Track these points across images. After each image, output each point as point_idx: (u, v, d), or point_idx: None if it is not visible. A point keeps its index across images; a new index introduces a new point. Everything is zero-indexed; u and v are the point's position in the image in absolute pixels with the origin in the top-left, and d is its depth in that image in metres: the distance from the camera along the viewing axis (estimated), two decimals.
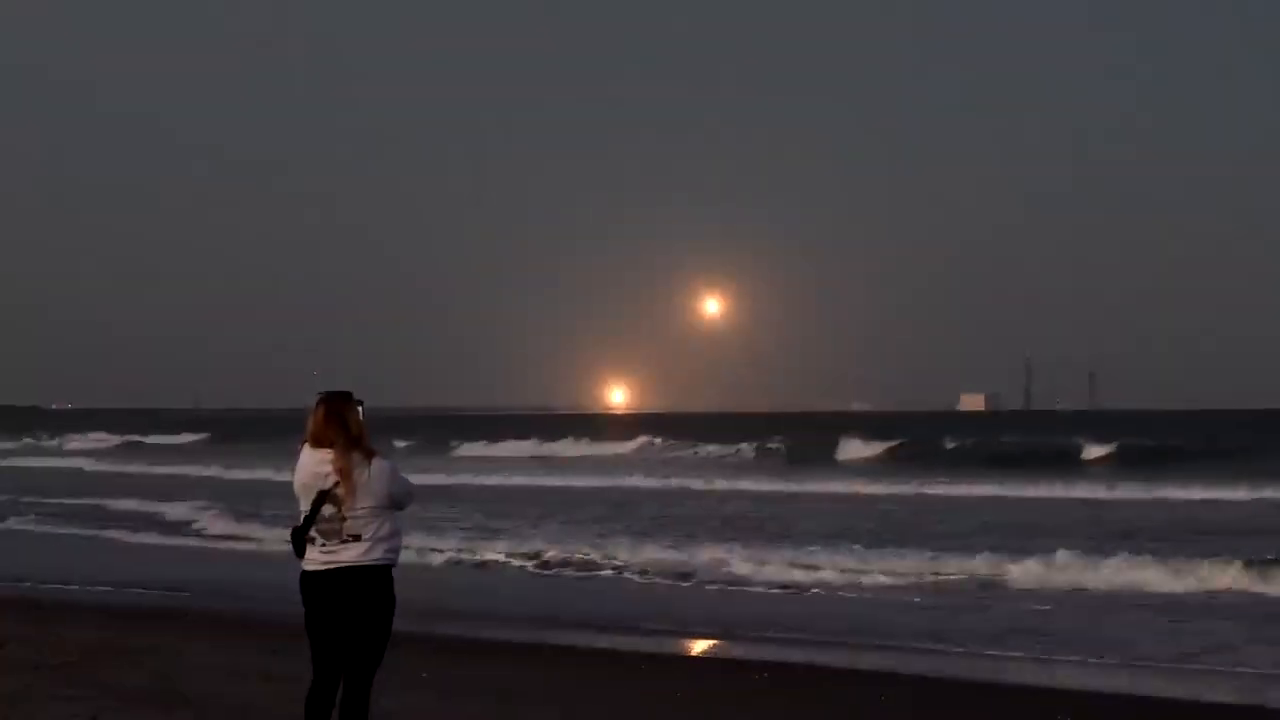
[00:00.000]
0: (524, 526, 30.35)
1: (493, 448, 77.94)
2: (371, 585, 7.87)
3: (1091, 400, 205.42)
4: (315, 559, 7.90)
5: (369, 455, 7.90)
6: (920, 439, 69.62)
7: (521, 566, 23.75)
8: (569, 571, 23.12)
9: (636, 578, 22.13)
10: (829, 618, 17.54)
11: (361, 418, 7.99)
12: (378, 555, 7.89)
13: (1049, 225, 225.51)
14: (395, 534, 8.00)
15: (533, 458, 70.80)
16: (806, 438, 70.62)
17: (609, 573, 22.76)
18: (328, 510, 7.86)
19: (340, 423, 7.91)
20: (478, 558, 24.70)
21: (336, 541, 7.86)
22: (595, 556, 24.15)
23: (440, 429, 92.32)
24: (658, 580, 21.80)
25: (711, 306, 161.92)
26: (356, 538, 7.86)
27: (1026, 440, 67.78)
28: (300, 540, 7.92)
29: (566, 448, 76.31)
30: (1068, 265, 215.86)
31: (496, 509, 35.30)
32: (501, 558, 24.58)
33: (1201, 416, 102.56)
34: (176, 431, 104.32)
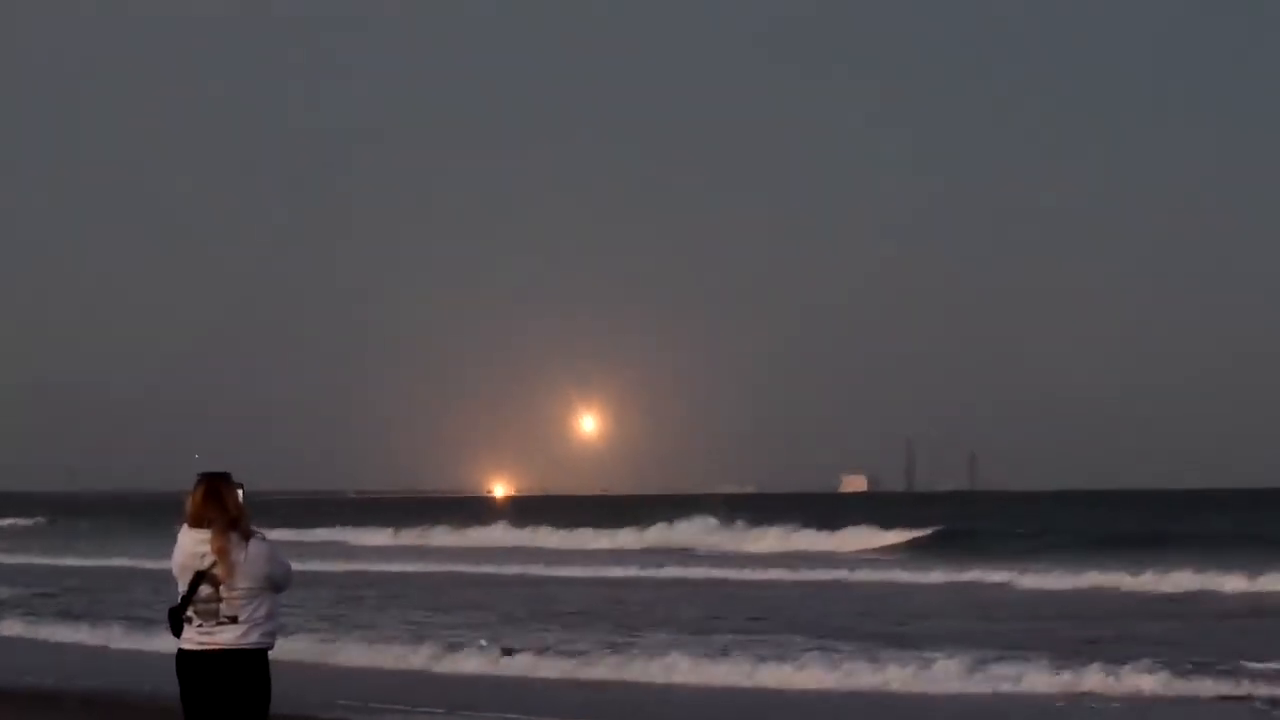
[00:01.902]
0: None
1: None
2: (248, 670, 7.88)
3: (972, 481, 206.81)
4: (192, 639, 7.90)
5: (247, 536, 7.94)
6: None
7: None
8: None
9: None
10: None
11: (241, 499, 8.03)
12: (254, 639, 7.91)
13: (931, 305, 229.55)
14: (272, 616, 8.01)
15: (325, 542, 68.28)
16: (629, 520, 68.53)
17: None
18: (205, 590, 7.87)
19: (219, 503, 7.93)
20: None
21: (213, 622, 7.87)
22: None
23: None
24: None
25: (589, 423, 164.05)
26: (233, 619, 7.87)
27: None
28: (177, 620, 7.93)
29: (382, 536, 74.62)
30: (950, 346, 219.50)
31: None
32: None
33: (1069, 498, 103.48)
34: (4, 514, 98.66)
